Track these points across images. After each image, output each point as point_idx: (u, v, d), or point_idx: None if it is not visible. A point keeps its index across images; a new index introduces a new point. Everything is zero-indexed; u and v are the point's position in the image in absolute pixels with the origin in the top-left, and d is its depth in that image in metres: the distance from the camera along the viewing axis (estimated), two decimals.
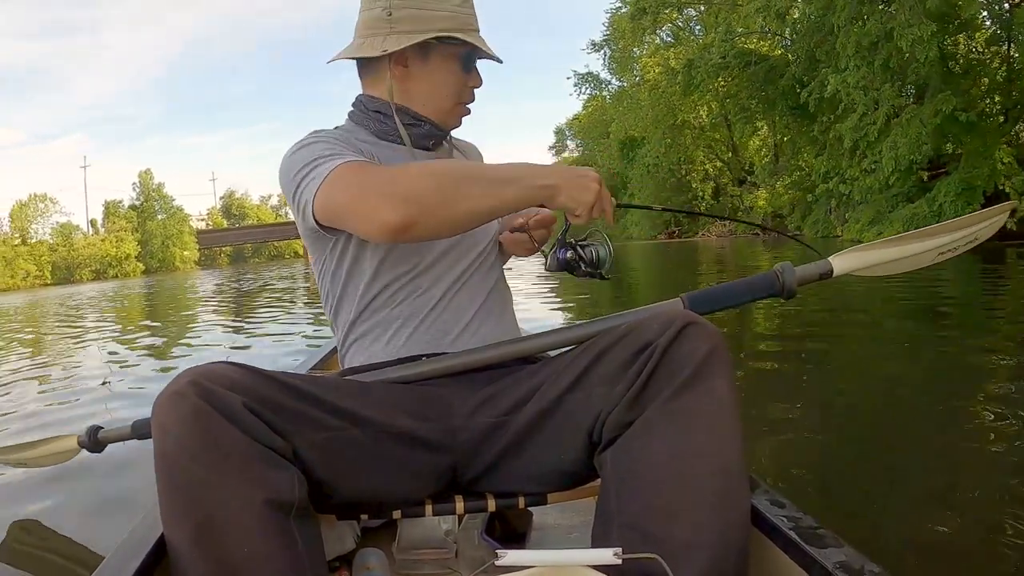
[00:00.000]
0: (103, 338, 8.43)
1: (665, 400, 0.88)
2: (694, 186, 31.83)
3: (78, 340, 8.44)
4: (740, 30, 21.59)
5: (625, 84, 34.62)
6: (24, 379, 5.19)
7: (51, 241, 58.86)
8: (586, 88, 39.40)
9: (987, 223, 1.23)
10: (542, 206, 1.01)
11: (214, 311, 11.80)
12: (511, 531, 1.37)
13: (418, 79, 1.19)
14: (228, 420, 0.82)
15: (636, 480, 0.87)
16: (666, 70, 26.87)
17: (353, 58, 1.21)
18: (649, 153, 30.09)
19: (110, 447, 1.68)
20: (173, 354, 6.26)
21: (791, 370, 3.74)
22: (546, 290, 8.94)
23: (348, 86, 1.36)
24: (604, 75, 37.82)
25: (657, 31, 29.08)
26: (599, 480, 0.96)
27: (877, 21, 13.91)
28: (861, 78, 14.60)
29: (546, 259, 1.17)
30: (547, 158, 59.59)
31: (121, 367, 5.52)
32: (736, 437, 0.88)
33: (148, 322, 10.93)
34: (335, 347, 1.30)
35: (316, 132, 1.18)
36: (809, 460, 2.29)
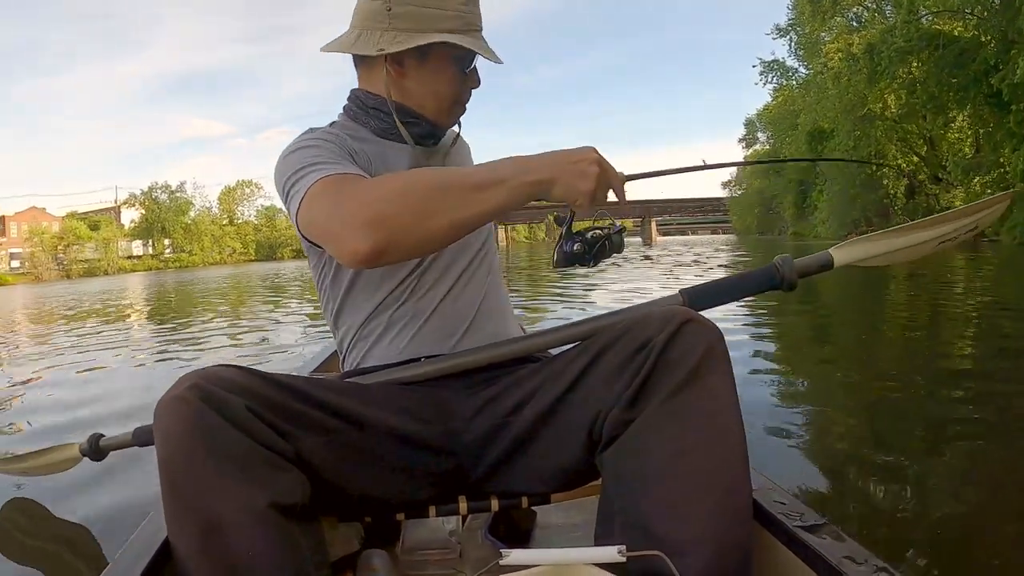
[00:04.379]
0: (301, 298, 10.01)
1: (664, 398, 0.88)
2: (885, 183, 30.13)
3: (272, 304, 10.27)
4: (934, 10, 20.55)
5: (812, 72, 33.47)
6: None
7: (255, 222, 66.86)
8: (772, 77, 38.65)
9: (989, 211, 1.26)
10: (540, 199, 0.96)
11: None
12: (515, 530, 1.41)
13: (415, 80, 1.18)
14: (230, 423, 0.83)
15: (637, 478, 0.88)
16: (847, 56, 25.75)
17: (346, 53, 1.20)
18: (838, 147, 29.01)
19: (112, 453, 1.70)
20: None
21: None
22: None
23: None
24: (791, 62, 36.97)
25: (844, 14, 28.11)
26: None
27: None
28: None
29: (553, 256, 1.13)
30: (737, 151, 58.55)
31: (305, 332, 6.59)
32: (737, 433, 0.89)
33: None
34: (336, 350, 1.34)
35: (312, 130, 1.19)
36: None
